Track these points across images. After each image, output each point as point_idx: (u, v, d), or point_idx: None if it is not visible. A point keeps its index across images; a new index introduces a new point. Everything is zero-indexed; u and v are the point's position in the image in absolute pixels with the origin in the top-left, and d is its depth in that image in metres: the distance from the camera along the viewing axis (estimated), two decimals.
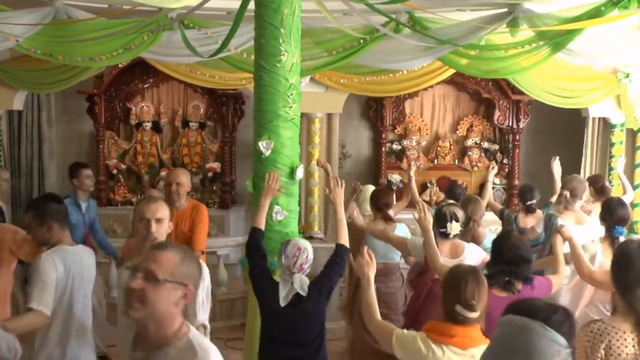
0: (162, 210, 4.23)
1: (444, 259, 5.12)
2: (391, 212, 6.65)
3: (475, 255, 5.33)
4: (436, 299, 4.11)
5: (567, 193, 6.62)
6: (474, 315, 3.39)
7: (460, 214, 5.47)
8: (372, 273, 3.94)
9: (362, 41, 6.99)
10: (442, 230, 5.37)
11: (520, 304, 2.20)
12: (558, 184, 7.45)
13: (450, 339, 3.39)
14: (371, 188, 7.34)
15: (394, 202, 6.95)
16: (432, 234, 5.02)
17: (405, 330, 3.61)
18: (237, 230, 10.08)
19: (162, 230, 4.18)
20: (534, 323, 2.08)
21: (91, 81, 9.84)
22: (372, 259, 3.97)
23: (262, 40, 5.15)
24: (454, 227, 5.38)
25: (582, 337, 3.38)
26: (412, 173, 7.86)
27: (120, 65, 9.76)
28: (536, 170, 10.71)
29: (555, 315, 2.12)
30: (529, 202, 6.99)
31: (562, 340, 2.08)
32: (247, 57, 7.01)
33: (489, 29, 6.66)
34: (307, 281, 4.50)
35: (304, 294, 4.45)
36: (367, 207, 7.09)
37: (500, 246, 4.43)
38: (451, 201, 6.16)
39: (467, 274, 3.49)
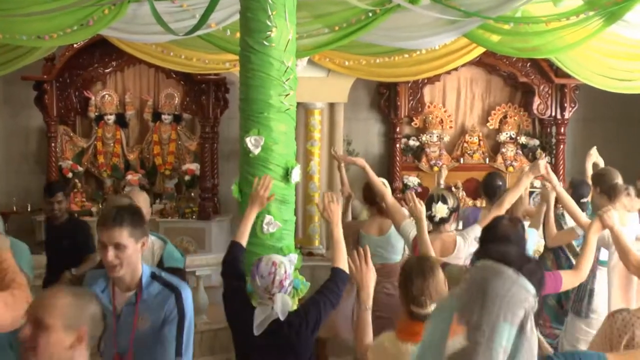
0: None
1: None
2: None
3: (469, 252, 5.62)
4: None
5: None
6: (430, 309, 3.69)
7: (451, 199, 5.87)
8: (370, 281, 4.14)
9: (370, 14, 6.96)
10: (427, 213, 5.68)
11: (495, 251, 2.58)
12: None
13: (416, 337, 3.56)
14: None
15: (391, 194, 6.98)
16: (424, 223, 5.48)
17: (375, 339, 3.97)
18: (219, 246, 10.05)
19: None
20: (507, 269, 2.46)
21: (40, 65, 9.83)
22: (368, 260, 4.16)
23: (249, 13, 5.13)
24: (440, 209, 5.77)
25: (606, 326, 3.74)
26: (442, 180, 8.18)
27: (75, 46, 9.77)
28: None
29: (527, 265, 2.50)
30: (584, 199, 6.94)
31: (531, 288, 2.45)
32: (231, 35, 6.99)
33: None
34: (289, 302, 4.47)
35: (282, 317, 4.41)
36: None
37: (486, 236, 4.67)
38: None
39: (410, 269, 3.86)
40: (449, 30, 7.21)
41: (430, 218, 5.78)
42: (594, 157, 7.81)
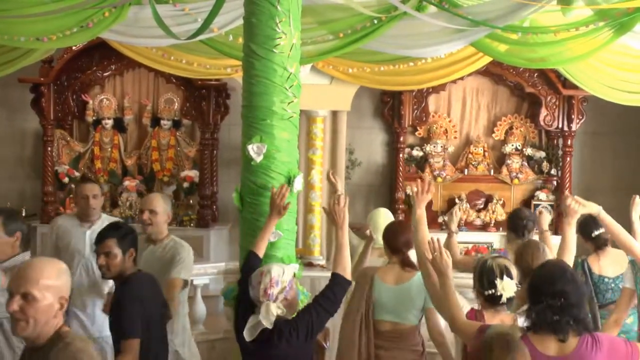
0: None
1: None
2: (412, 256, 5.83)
3: None
4: None
5: None
6: None
7: (514, 269, 4.67)
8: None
9: (376, 21, 6.96)
10: (489, 292, 4.58)
11: None
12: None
13: None
14: (383, 213, 7.07)
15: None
16: (451, 281, 4.52)
17: None
18: (218, 255, 10.07)
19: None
20: None
21: (37, 67, 9.84)
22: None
23: (254, 19, 5.15)
24: (507, 286, 4.56)
25: None
26: (454, 227, 6.94)
27: (74, 48, 9.79)
28: (593, 184, 10.73)
29: None
30: (596, 233, 6.39)
31: None
32: (234, 40, 6.99)
33: (534, 7, 6.64)
34: (274, 311, 4.47)
35: (269, 325, 4.45)
36: (379, 238, 6.78)
37: (537, 281, 4.04)
38: (497, 254, 5.36)
39: (493, 341, 3.59)
40: (456, 39, 7.20)
41: (493, 299, 4.59)
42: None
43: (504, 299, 4.56)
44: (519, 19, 6.80)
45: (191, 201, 10.58)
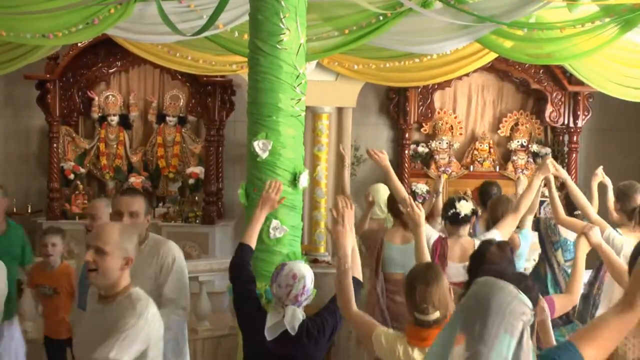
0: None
1: (454, 265, 5.76)
2: None
3: None
4: None
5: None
6: (433, 317, 3.81)
7: (471, 202, 6.03)
8: (347, 241, 4.32)
9: (381, 18, 6.97)
10: (451, 212, 5.93)
11: (494, 271, 2.87)
12: (595, 202, 7.31)
13: (423, 342, 3.81)
14: (382, 187, 7.37)
15: None
16: (422, 229, 5.08)
17: (389, 330, 4.07)
18: (223, 251, 10.07)
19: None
20: (508, 285, 2.72)
21: (43, 64, 9.86)
22: (346, 221, 4.39)
23: (259, 15, 5.16)
24: (464, 205, 5.91)
25: None
26: (441, 187, 7.93)
27: (79, 45, 9.80)
28: None
29: (524, 282, 2.78)
30: (576, 212, 6.71)
31: (529, 303, 2.71)
32: (239, 37, 7.01)
33: (540, 3, 6.65)
34: (300, 317, 4.46)
35: (292, 332, 4.42)
36: (377, 210, 7.23)
37: (474, 266, 4.62)
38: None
39: (414, 277, 3.94)
40: (462, 35, 7.21)
41: (454, 217, 5.94)
42: (600, 177, 7.57)
43: (462, 215, 5.90)
44: (524, 15, 6.81)
45: (196, 198, 10.58)
